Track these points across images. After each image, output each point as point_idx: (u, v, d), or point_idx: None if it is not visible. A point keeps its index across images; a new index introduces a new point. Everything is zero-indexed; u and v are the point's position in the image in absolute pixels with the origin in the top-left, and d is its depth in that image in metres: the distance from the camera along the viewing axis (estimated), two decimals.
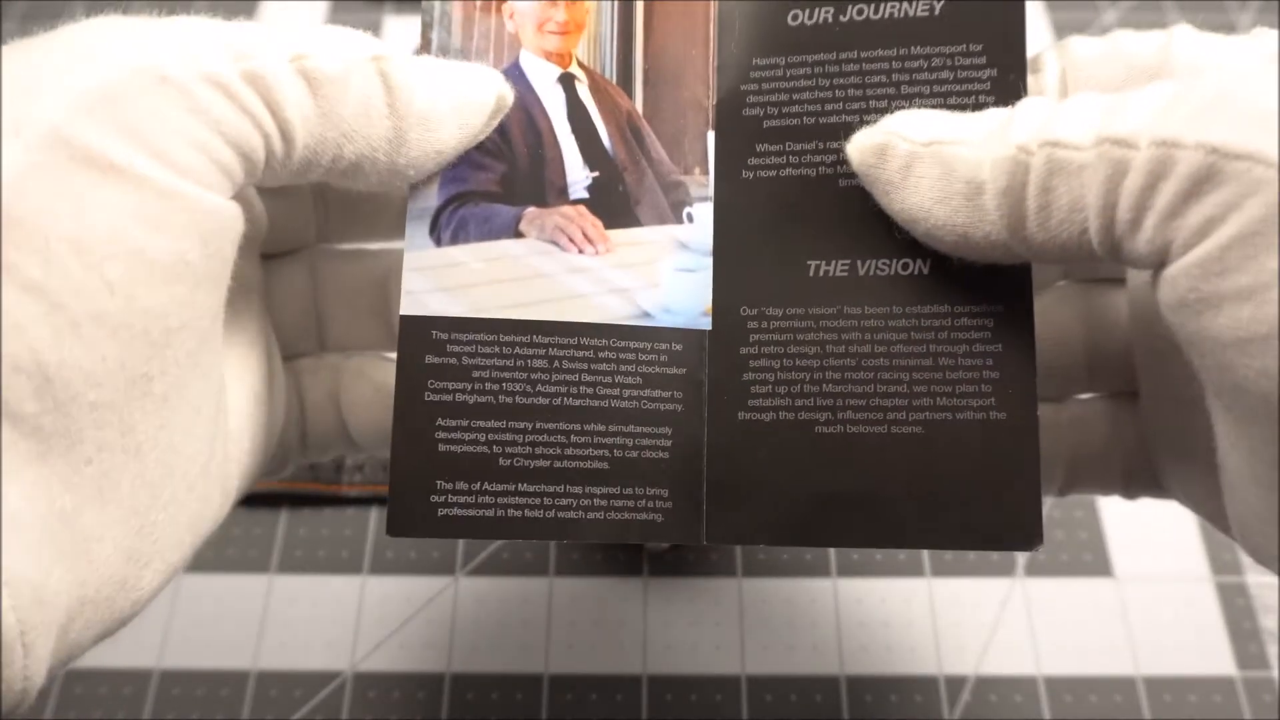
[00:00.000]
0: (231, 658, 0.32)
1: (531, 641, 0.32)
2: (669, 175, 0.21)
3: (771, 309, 0.20)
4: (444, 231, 0.20)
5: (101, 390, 0.15)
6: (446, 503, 0.19)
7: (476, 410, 0.19)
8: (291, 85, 0.17)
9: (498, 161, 0.20)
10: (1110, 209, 0.16)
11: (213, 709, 0.31)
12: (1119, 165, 0.16)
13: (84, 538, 0.15)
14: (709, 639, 0.32)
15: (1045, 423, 0.22)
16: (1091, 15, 0.47)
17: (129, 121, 0.15)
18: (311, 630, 0.32)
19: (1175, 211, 0.15)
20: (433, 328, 0.19)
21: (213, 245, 0.16)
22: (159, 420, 0.16)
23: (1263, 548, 0.18)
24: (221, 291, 0.17)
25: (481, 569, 0.33)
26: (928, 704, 0.31)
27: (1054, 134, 0.16)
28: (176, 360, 0.16)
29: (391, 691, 0.31)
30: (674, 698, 0.31)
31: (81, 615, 0.15)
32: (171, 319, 0.16)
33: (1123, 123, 0.16)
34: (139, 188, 0.15)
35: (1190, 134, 0.15)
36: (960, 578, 0.33)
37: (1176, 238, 0.15)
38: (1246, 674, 0.31)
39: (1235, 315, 0.15)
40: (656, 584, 0.33)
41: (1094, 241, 0.16)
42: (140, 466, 0.16)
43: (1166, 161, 0.15)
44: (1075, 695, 0.31)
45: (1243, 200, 0.14)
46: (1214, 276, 0.15)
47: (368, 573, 0.33)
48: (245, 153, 0.17)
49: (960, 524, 0.19)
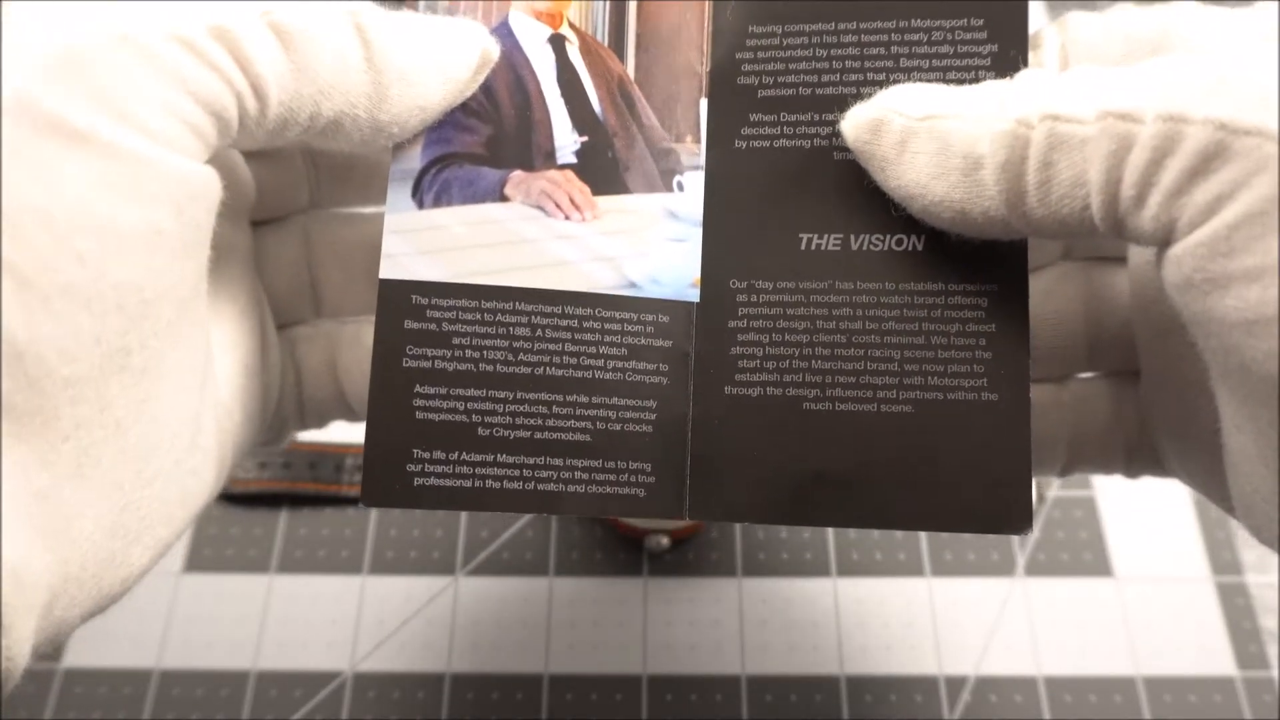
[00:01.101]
0: (231, 658, 0.32)
1: (531, 641, 0.32)
2: (660, 142, 0.20)
3: (761, 282, 0.19)
4: (426, 194, 0.19)
5: (76, 365, 0.15)
6: (423, 472, 0.19)
7: (456, 378, 0.19)
8: (262, 40, 0.16)
9: (483, 123, 0.20)
10: (1114, 184, 0.16)
11: (213, 709, 0.31)
12: (1124, 140, 0.15)
13: (64, 515, 0.15)
14: (709, 639, 0.32)
15: (1047, 402, 0.22)
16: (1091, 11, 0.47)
17: (95, 85, 0.15)
18: (311, 630, 0.32)
19: (1182, 189, 0.15)
20: (413, 292, 0.19)
21: (188, 212, 0.16)
22: (139, 394, 0.16)
23: (1265, 528, 0.18)
24: (200, 260, 0.17)
25: (481, 569, 0.33)
26: (928, 704, 0.31)
27: (1055, 107, 0.16)
28: (155, 332, 0.16)
29: (391, 691, 0.31)
30: (674, 698, 0.31)
31: (66, 593, 0.15)
32: (147, 290, 0.15)
33: (1127, 96, 0.15)
34: (107, 155, 0.15)
35: (1198, 109, 0.15)
36: (960, 578, 0.33)
37: (1182, 215, 0.15)
38: (1246, 674, 0.31)
39: (1242, 296, 0.14)
40: (656, 584, 0.33)
41: (1096, 218, 0.16)
42: (122, 442, 0.16)
43: (1174, 137, 0.15)
44: (1075, 695, 0.31)
45: (1251, 178, 0.14)
46: (1221, 256, 0.15)
47: (368, 573, 0.33)
48: (216, 112, 0.16)
49: (949, 506, 0.18)
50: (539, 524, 0.34)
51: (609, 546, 0.34)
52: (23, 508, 0.14)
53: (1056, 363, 0.22)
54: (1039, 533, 0.34)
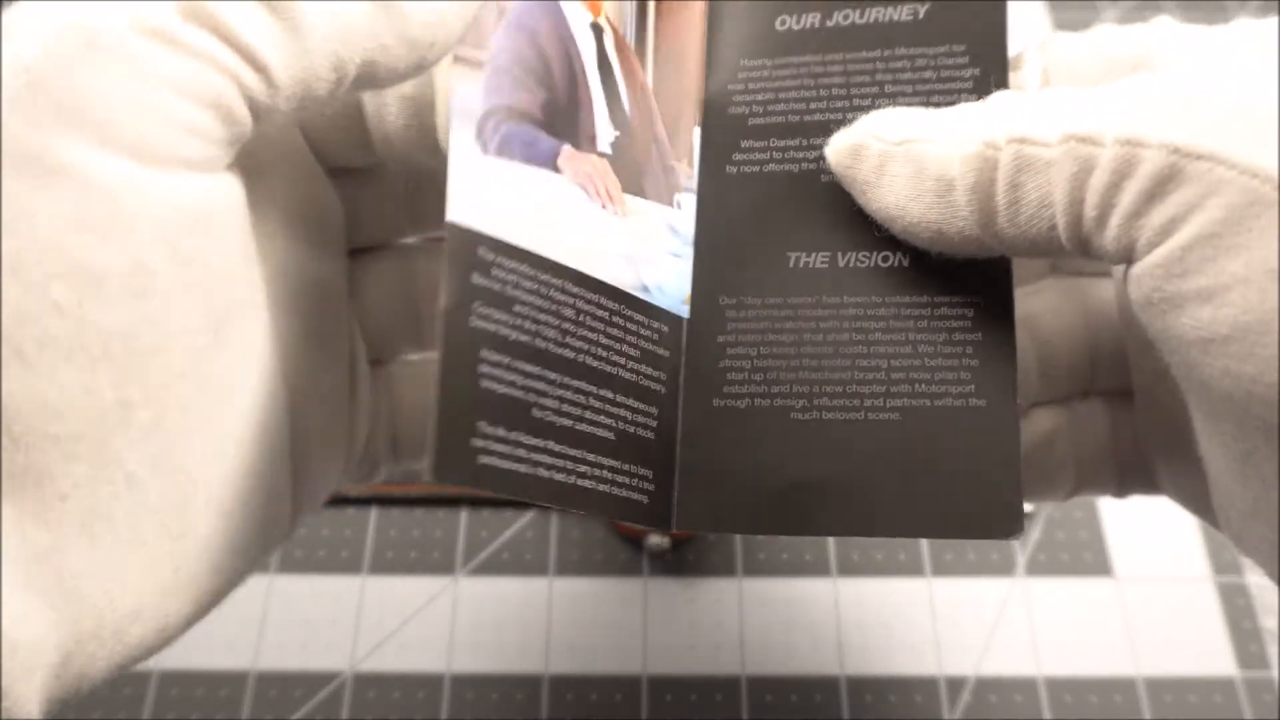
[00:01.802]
0: (231, 658, 0.32)
1: (531, 641, 0.32)
2: (666, 158, 0.20)
3: (750, 298, 0.20)
4: (490, 140, 0.18)
5: (65, 422, 0.13)
6: (488, 450, 0.17)
7: (516, 349, 0.17)
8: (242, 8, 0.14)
9: (540, 87, 0.19)
10: (1077, 205, 0.16)
11: (213, 709, 0.31)
12: (1085, 162, 0.16)
13: (70, 574, 0.14)
14: (709, 639, 0.32)
15: (1057, 427, 0.22)
16: (1092, 15, 0.47)
17: (64, 106, 0.13)
18: (311, 630, 0.32)
19: (1139, 211, 0.15)
20: (480, 245, 0.17)
21: (186, 245, 0.14)
22: (153, 448, 0.15)
23: (1246, 539, 0.18)
24: (217, 298, 0.15)
25: (481, 569, 0.33)
26: (928, 704, 0.31)
27: (1021, 130, 0.16)
28: (163, 384, 0.14)
29: (391, 691, 0.31)
30: (674, 698, 0.31)
31: (83, 651, 0.15)
32: (141, 338, 0.14)
33: (1090, 119, 0.16)
34: (80, 188, 0.13)
35: (1154, 133, 0.15)
36: (960, 578, 0.33)
37: (1140, 236, 0.15)
38: (1246, 674, 0.31)
39: (1197, 315, 0.15)
40: (656, 584, 0.33)
41: (1062, 237, 0.16)
42: (139, 498, 0.15)
43: (1131, 160, 0.15)
44: (1075, 695, 0.31)
45: (1203, 201, 0.14)
46: (1176, 277, 0.15)
47: (368, 573, 0.33)
48: (213, 102, 0.14)
49: (937, 511, 0.18)
50: (539, 524, 0.34)
51: (609, 546, 0.34)
52: (20, 569, 0.14)
53: (1067, 381, 0.22)
54: (1039, 533, 0.34)
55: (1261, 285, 0.14)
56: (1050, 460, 0.22)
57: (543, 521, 0.34)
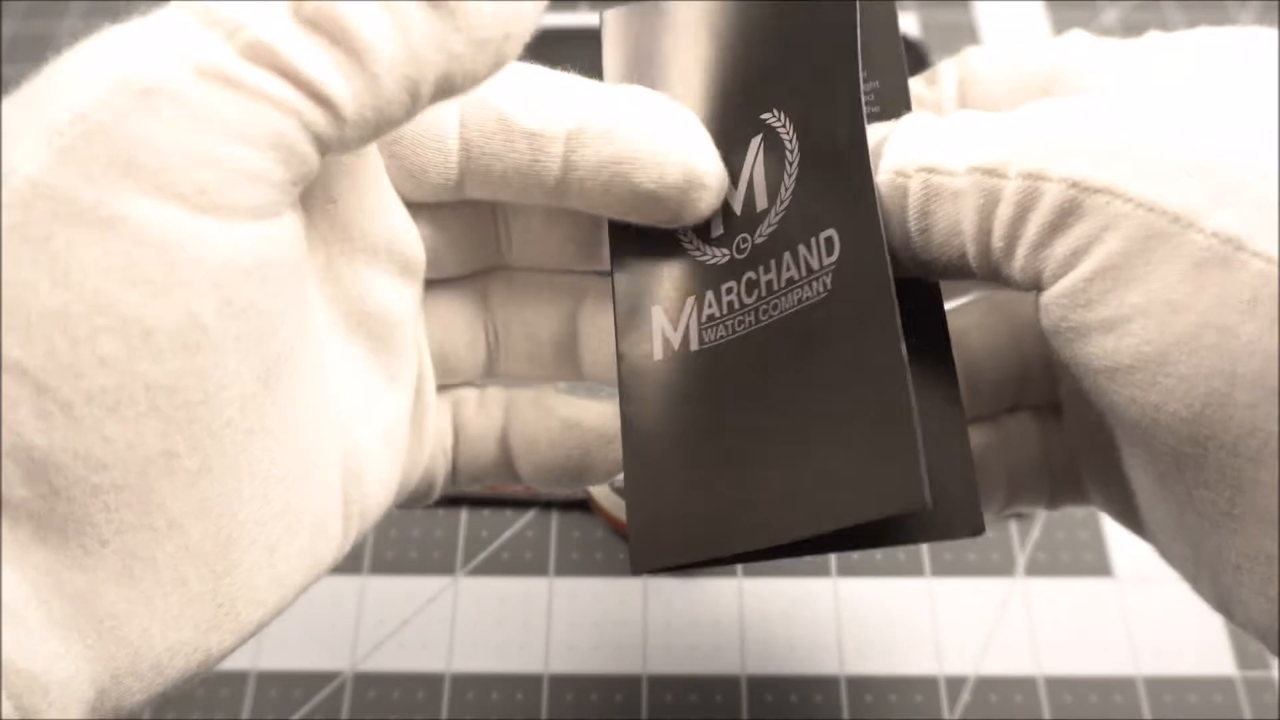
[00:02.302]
0: (231, 658, 0.31)
1: (531, 641, 0.32)
2: None
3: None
4: None
5: (108, 473, 0.13)
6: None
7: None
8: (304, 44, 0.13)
9: None
10: (985, 235, 0.16)
11: (213, 709, 0.31)
12: (991, 194, 0.16)
13: (109, 615, 0.14)
14: (709, 639, 0.32)
15: (988, 443, 0.21)
16: (1091, 15, 0.47)
17: (118, 157, 0.13)
18: (311, 630, 0.32)
19: (1043, 242, 0.16)
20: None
21: (240, 298, 0.14)
22: (197, 494, 0.14)
23: (1169, 553, 0.19)
24: (270, 346, 0.15)
25: (481, 569, 0.33)
26: (928, 704, 0.31)
27: (929, 159, 0.17)
28: (210, 433, 0.14)
29: (391, 691, 0.31)
30: (674, 698, 0.31)
31: (120, 685, 0.14)
32: (190, 393, 0.14)
33: (994, 150, 0.16)
34: (131, 240, 0.13)
35: (1055, 166, 0.15)
36: (960, 578, 0.33)
37: (1046, 267, 0.16)
38: (1246, 674, 0.31)
39: (1101, 345, 0.15)
40: (656, 584, 0.33)
41: (973, 265, 0.17)
42: (181, 539, 0.14)
43: (1033, 194, 0.15)
44: (1075, 695, 0.31)
45: (1102, 234, 0.15)
46: (1080, 307, 0.15)
47: (368, 573, 0.33)
48: (277, 144, 0.14)
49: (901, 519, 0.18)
50: (539, 524, 0.34)
51: (609, 546, 0.34)
52: (54, 612, 0.14)
53: (994, 398, 0.22)
54: (1039, 533, 0.34)
55: (1160, 317, 0.14)
56: (982, 476, 0.21)
57: (543, 521, 0.34)
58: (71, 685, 0.14)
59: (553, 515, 0.34)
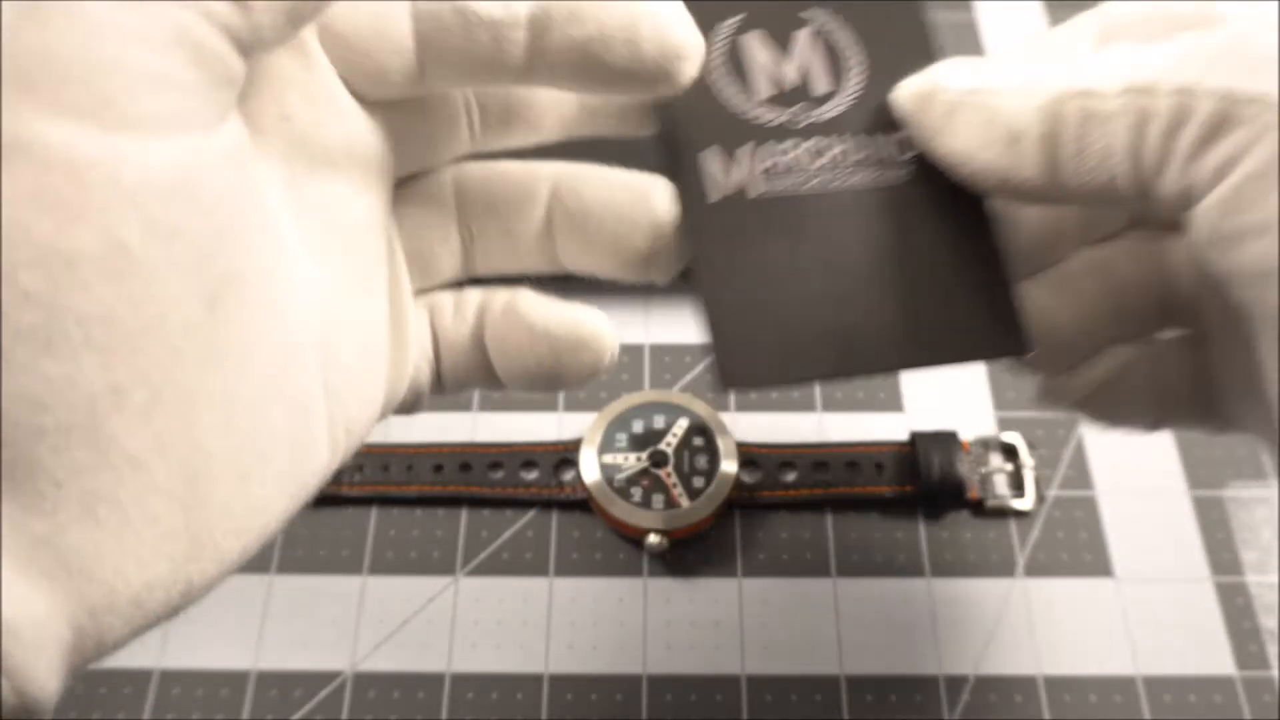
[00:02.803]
0: (231, 658, 0.32)
1: (531, 641, 0.32)
2: None
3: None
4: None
5: (51, 414, 0.13)
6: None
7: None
8: None
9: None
10: (1138, 154, 0.17)
11: (213, 709, 0.31)
12: (1143, 113, 0.17)
13: (76, 556, 0.14)
14: (709, 639, 0.32)
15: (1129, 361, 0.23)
16: None
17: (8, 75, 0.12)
18: (311, 630, 0.32)
19: (1195, 155, 0.16)
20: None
21: (169, 217, 0.13)
22: (154, 428, 0.14)
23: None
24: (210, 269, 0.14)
25: (481, 569, 0.33)
26: (928, 704, 0.31)
27: (1085, 83, 0.17)
28: (156, 363, 0.14)
29: (391, 691, 0.31)
30: (674, 698, 0.31)
31: (99, 622, 0.14)
32: (125, 322, 0.13)
33: (1147, 71, 0.17)
34: (37, 166, 0.12)
35: (1206, 80, 0.16)
36: (960, 578, 0.33)
37: (1198, 180, 0.16)
38: (1246, 674, 0.31)
39: (1254, 250, 0.16)
40: (656, 584, 0.33)
41: (1125, 186, 0.17)
42: (144, 476, 0.14)
43: (1185, 108, 0.16)
44: (1075, 695, 0.31)
45: (1254, 143, 0.16)
46: (1232, 215, 0.16)
47: (368, 573, 0.33)
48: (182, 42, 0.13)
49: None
50: (539, 524, 0.34)
51: (609, 546, 0.34)
52: (19, 557, 0.13)
53: (1140, 321, 0.23)
54: (1039, 533, 0.34)
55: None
56: (1126, 388, 0.23)
57: (543, 521, 0.34)
58: (45, 626, 0.13)
59: (553, 515, 0.34)
